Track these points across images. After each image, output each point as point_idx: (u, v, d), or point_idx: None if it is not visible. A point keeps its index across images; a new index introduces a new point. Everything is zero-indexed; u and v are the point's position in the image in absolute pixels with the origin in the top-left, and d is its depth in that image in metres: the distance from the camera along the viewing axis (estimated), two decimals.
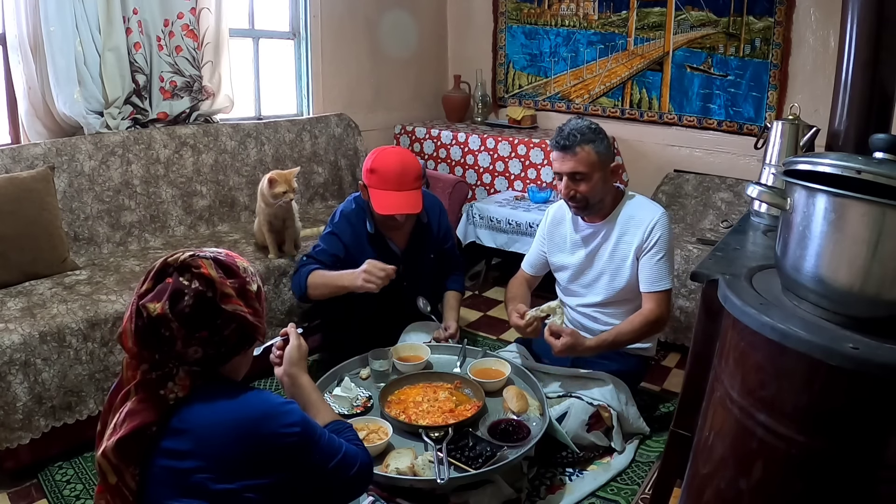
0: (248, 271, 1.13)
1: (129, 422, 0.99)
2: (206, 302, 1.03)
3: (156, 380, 1.03)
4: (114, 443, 0.98)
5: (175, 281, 1.03)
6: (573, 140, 2.04)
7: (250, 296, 1.10)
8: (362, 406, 1.94)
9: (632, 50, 3.86)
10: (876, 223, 0.97)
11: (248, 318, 1.08)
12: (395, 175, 2.26)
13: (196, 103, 3.01)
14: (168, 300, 1.01)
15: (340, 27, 3.77)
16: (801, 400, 1.01)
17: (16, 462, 1.94)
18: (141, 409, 1.00)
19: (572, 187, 2.08)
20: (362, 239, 2.43)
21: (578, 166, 2.04)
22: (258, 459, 1.01)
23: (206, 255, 1.08)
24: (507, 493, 1.80)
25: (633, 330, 2.07)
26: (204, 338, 1.03)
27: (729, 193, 3.43)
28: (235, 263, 1.12)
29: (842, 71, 1.70)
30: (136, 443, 0.99)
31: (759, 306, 1.07)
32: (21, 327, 1.91)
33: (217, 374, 1.10)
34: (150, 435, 1.00)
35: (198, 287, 1.03)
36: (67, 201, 2.51)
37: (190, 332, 1.02)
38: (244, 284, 1.10)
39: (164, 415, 1.01)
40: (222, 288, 1.05)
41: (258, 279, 1.17)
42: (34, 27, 2.45)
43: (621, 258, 2.13)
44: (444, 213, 2.64)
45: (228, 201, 3.08)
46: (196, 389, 1.04)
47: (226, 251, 1.15)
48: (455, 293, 2.60)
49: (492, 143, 3.84)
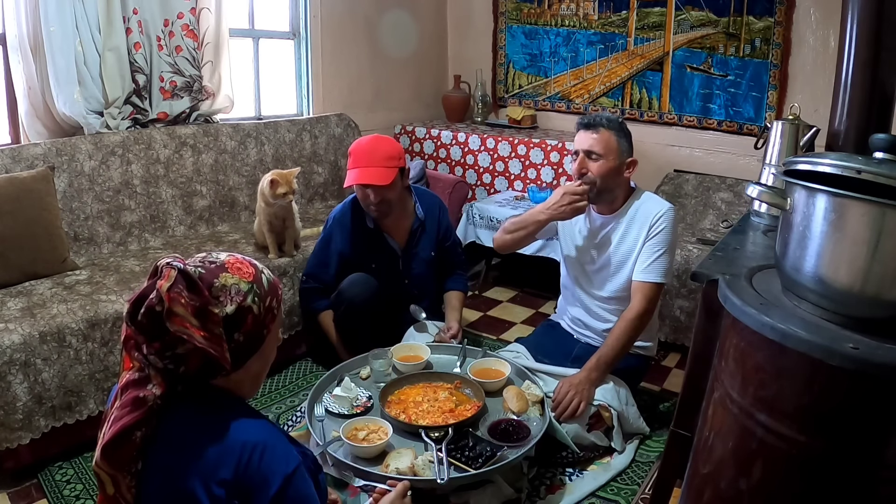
0: (227, 290, 1.02)
1: (113, 427, 0.96)
2: (155, 315, 0.96)
3: (138, 380, 1.00)
4: (100, 449, 0.96)
5: (147, 286, 0.99)
6: (598, 122, 2.08)
7: (212, 318, 0.98)
8: (362, 406, 1.94)
9: (632, 50, 3.86)
10: (876, 223, 0.97)
11: (196, 343, 0.96)
12: (364, 152, 2.33)
13: (196, 103, 3.01)
14: (131, 304, 0.98)
15: (340, 27, 3.77)
16: (801, 400, 1.01)
17: (16, 462, 1.94)
18: (123, 414, 0.97)
19: (585, 165, 2.08)
20: (359, 238, 2.45)
21: (596, 145, 2.06)
22: (239, 486, 0.96)
23: (179, 265, 1.00)
24: (508, 493, 1.80)
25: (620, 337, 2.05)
26: (158, 350, 0.98)
27: (729, 193, 3.43)
28: (212, 279, 1.01)
29: (842, 71, 1.70)
30: (122, 447, 0.96)
31: (759, 306, 1.07)
32: (21, 327, 1.91)
33: (207, 385, 1.04)
34: (136, 441, 0.96)
35: (152, 299, 0.97)
36: (67, 201, 2.51)
37: (147, 341, 0.98)
38: (207, 305, 0.98)
39: (148, 420, 0.97)
40: (172, 305, 0.96)
41: (255, 299, 1.04)
42: (34, 27, 2.45)
43: (626, 252, 2.13)
44: (444, 211, 2.64)
45: (228, 201, 3.08)
46: (176, 391, 1.00)
47: (231, 259, 1.07)
48: (457, 293, 2.60)
49: (492, 143, 3.84)
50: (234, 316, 1.01)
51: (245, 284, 1.04)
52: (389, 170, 2.32)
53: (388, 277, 2.47)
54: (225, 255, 1.08)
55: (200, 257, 1.06)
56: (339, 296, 2.40)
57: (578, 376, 2.03)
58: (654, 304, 2.09)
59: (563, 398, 1.98)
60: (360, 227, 2.42)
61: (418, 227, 2.51)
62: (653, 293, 2.08)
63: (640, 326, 2.08)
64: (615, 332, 2.08)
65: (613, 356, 2.06)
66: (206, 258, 1.06)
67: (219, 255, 1.08)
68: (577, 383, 2.00)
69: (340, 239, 2.47)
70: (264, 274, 1.10)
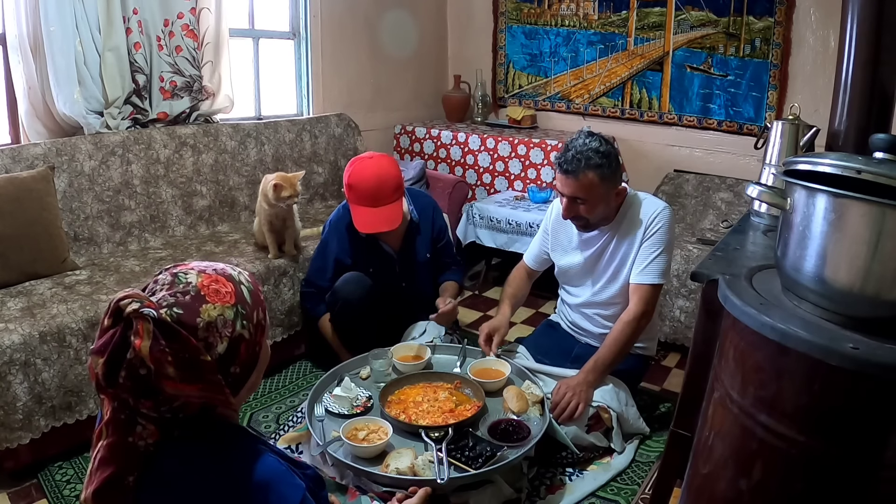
0: (214, 326, 0.88)
1: (101, 472, 0.88)
2: (141, 379, 0.83)
3: (123, 422, 0.88)
4: (90, 494, 0.88)
5: (117, 340, 0.84)
6: (577, 165, 1.98)
7: (207, 367, 0.86)
8: (362, 406, 1.94)
9: (632, 50, 3.86)
10: (876, 223, 0.96)
11: (194, 400, 0.87)
12: (370, 192, 2.27)
13: (196, 103, 3.01)
14: (105, 366, 0.84)
15: (340, 27, 3.77)
16: (801, 400, 1.01)
17: (16, 462, 1.94)
18: (111, 457, 0.87)
19: (572, 209, 2.06)
20: (355, 244, 2.45)
21: (579, 192, 2.01)
22: None
23: (151, 312, 0.83)
24: (507, 493, 1.80)
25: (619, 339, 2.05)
26: (151, 406, 0.87)
27: (729, 193, 3.43)
28: (194, 319, 0.87)
29: (842, 71, 1.70)
30: (113, 492, 0.88)
31: (759, 306, 1.07)
32: (21, 327, 1.91)
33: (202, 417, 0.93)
34: (128, 485, 0.87)
35: (132, 360, 0.83)
36: (67, 201, 2.51)
37: (135, 398, 0.86)
38: (197, 354, 0.85)
39: (138, 464, 0.88)
40: (158, 367, 0.83)
41: (243, 322, 0.92)
42: (34, 27, 2.45)
43: (623, 257, 2.13)
44: (437, 212, 2.63)
45: (228, 201, 3.08)
46: (172, 436, 0.89)
47: (203, 280, 0.91)
48: (451, 282, 2.61)
49: (492, 143, 3.84)
50: (227, 352, 0.90)
51: (230, 311, 0.91)
52: (396, 205, 2.31)
53: (384, 281, 2.47)
54: (194, 275, 0.92)
55: (168, 285, 0.90)
56: (334, 295, 2.41)
57: (576, 378, 2.02)
58: (652, 305, 2.08)
59: (560, 400, 1.98)
60: (355, 232, 2.41)
61: (412, 230, 2.51)
62: (650, 295, 2.07)
63: (639, 328, 2.07)
64: (613, 334, 2.07)
65: (611, 358, 2.05)
66: (175, 286, 0.90)
67: (186, 274, 0.92)
68: (575, 385, 2.00)
69: (336, 245, 2.48)
70: (243, 285, 0.95)
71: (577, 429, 1.99)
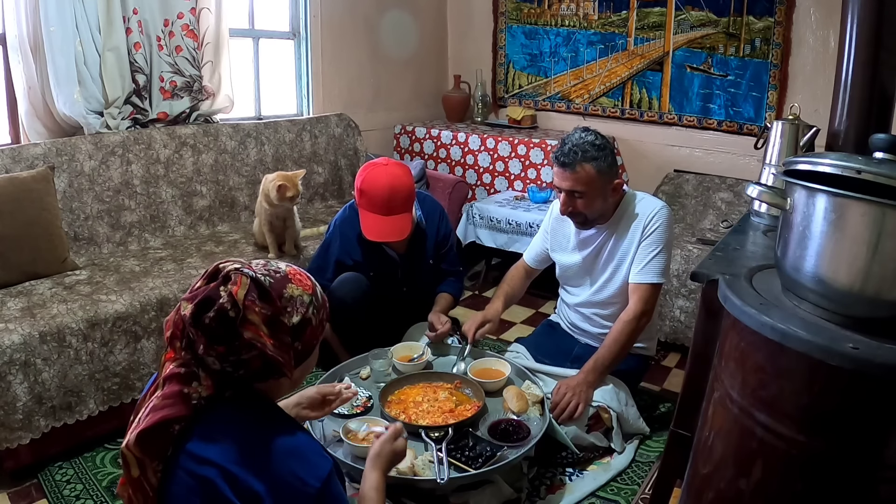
0: (294, 300, 1.06)
1: (152, 416, 0.98)
2: (227, 321, 0.98)
3: (183, 375, 1.01)
4: (135, 435, 0.98)
5: (212, 289, 1.01)
6: (573, 157, 1.98)
7: (282, 327, 1.03)
8: (362, 406, 1.94)
9: (632, 50, 3.86)
10: (876, 223, 0.97)
11: (268, 351, 1.00)
12: (383, 200, 2.22)
13: (196, 103, 3.01)
14: (196, 306, 0.99)
15: (340, 27, 3.77)
16: (801, 400, 1.01)
17: (16, 462, 1.94)
18: (164, 405, 0.99)
19: (570, 203, 2.06)
20: (359, 247, 2.43)
21: (577, 185, 2.01)
22: (276, 488, 0.97)
23: (250, 272, 1.02)
24: (507, 493, 1.80)
25: (618, 339, 2.04)
26: (221, 353, 1.00)
27: (729, 193, 3.43)
28: (281, 289, 1.05)
29: (842, 71, 1.70)
30: (158, 437, 0.98)
31: (759, 306, 1.07)
32: (21, 327, 1.91)
33: (250, 387, 1.06)
34: (172, 433, 0.98)
35: (223, 304, 0.98)
36: (67, 201, 2.51)
37: (209, 343, 0.99)
38: (278, 314, 1.02)
39: (189, 415, 1.00)
40: (247, 312, 0.99)
41: (314, 311, 1.09)
42: (34, 27, 2.45)
43: (621, 257, 2.13)
44: (444, 218, 2.58)
45: (228, 201, 3.08)
46: (223, 396, 1.02)
47: (290, 269, 1.10)
48: (446, 295, 2.53)
49: (492, 143, 3.84)
50: (298, 326, 1.06)
51: (307, 296, 1.09)
52: (407, 216, 2.28)
53: (386, 286, 2.45)
54: (284, 266, 1.11)
55: (261, 265, 1.08)
56: (330, 295, 2.38)
57: (576, 378, 2.02)
58: (651, 305, 2.07)
59: (560, 400, 1.98)
60: (359, 236, 2.39)
61: (418, 235, 2.47)
62: (650, 294, 2.06)
63: (638, 328, 2.07)
64: (612, 334, 2.07)
65: (611, 359, 2.05)
66: (268, 266, 1.08)
67: (278, 264, 1.11)
68: (575, 385, 2.00)
69: (339, 247, 2.45)
70: (317, 287, 1.14)
71: (577, 429, 1.99)
